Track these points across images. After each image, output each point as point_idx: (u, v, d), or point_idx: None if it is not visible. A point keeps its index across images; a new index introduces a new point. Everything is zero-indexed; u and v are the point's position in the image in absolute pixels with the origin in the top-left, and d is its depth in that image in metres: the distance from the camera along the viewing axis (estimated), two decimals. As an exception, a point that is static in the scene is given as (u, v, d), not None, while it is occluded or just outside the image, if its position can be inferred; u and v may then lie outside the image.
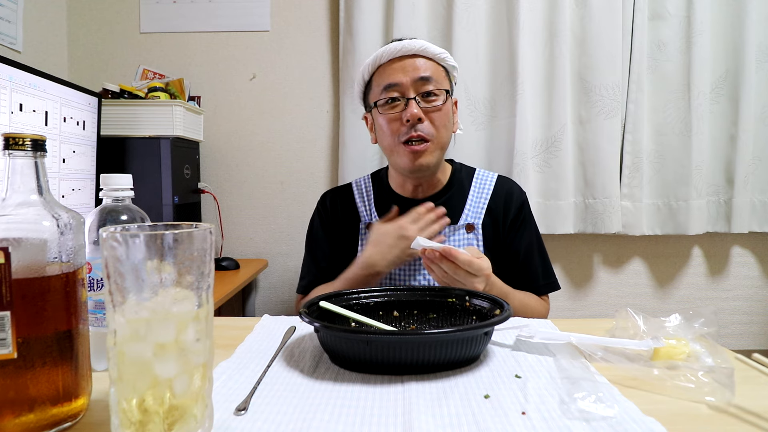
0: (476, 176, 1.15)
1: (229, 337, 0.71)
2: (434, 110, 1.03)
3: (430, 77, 1.03)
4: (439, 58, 1.06)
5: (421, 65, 1.03)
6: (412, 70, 1.03)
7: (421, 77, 1.02)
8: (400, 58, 1.04)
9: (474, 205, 1.11)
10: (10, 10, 1.49)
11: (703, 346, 0.61)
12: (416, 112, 1.01)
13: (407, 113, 1.01)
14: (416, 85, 1.02)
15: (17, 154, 0.47)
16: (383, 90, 1.04)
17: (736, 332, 1.84)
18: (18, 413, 0.43)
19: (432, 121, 1.03)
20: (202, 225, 0.43)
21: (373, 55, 1.06)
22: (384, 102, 1.04)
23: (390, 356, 0.57)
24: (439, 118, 1.04)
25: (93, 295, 0.58)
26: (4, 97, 1.02)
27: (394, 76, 1.03)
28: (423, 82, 1.02)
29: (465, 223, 1.08)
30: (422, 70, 1.03)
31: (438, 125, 1.04)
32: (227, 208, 1.81)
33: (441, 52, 1.06)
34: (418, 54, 1.04)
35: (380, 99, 1.04)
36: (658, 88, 1.71)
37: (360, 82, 1.11)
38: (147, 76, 1.77)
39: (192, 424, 0.42)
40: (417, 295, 0.79)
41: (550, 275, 1.13)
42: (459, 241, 1.07)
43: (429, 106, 1.03)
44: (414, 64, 1.03)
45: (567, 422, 0.46)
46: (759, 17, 1.67)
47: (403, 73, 1.03)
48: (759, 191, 1.75)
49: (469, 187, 1.13)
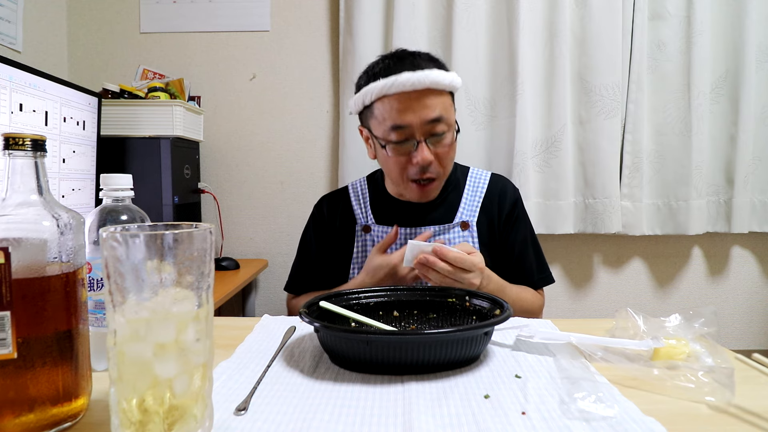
0: (470, 175, 1.16)
1: (229, 337, 0.71)
2: (443, 149, 1.01)
3: (441, 117, 0.97)
4: (449, 87, 0.99)
5: (431, 104, 0.96)
6: (422, 110, 0.96)
7: (432, 119, 0.96)
8: (409, 93, 0.96)
9: (469, 203, 1.12)
10: (10, 10, 1.49)
11: (703, 346, 0.61)
12: (428, 156, 0.98)
13: (417, 157, 0.98)
14: (427, 128, 0.97)
15: (17, 154, 0.47)
16: (391, 129, 0.98)
17: (736, 332, 1.84)
18: (18, 413, 0.43)
19: (440, 160, 1.01)
20: (202, 225, 0.43)
21: (380, 82, 0.97)
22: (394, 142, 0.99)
23: (390, 356, 0.57)
24: (447, 154, 1.02)
25: (93, 295, 0.58)
26: (4, 97, 1.02)
27: (402, 116, 0.96)
28: (434, 124, 0.97)
29: (460, 221, 1.09)
30: (432, 109, 0.96)
31: (446, 163, 1.02)
32: (227, 208, 1.81)
33: (451, 80, 0.99)
34: (430, 88, 0.96)
35: (390, 139, 0.99)
36: (658, 88, 1.71)
37: (359, 103, 1.04)
38: (147, 76, 1.77)
39: (192, 424, 0.42)
40: (417, 295, 0.79)
41: (545, 269, 1.15)
42: (454, 239, 1.08)
43: (438, 147, 1.00)
44: (424, 102, 0.96)
45: (567, 422, 0.46)
46: (759, 17, 1.67)
47: (413, 113, 0.96)
48: (759, 191, 1.75)
49: (463, 185, 1.14)
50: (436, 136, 0.98)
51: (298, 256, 1.22)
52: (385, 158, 1.04)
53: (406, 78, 0.94)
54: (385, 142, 1.00)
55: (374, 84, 0.98)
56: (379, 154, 1.07)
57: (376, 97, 0.99)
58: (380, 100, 0.99)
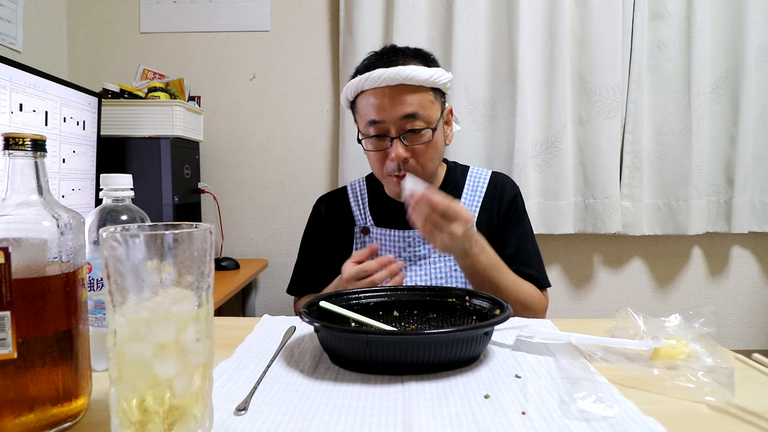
0: (470, 174, 1.15)
1: (229, 337, 0.71)
2: (421, 145, 0.99)
3: (416, 113, 0.96)
4: (428, 83, 0.97)
5: (405, 100, 0.96)
6: (394, 107, 0.95)
7: (406, 115, 0.96)
8: (383, 89, 0.96)
9: (468, 202, 1.11)
10: (10, 10, 1.49)
11: (703, 346, 0.61)
12: (401, 152, 0.97)
13: (392, 153, 0.98)
14: (400, 123, 0.97)
15: (17, 154, 0.47)
16: (368, 125, 0.99)
17: (736, 332, 1.84)
18: (18, 413, 0.43)
19: (418, 158, 0.99)
20: (202, 225, 0.43)
21: (357, 78, 0.99)
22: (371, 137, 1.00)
23: (390, 356, 0.57)
24: (426, 152, 1.00)
25: (93, 295, 0.58)
26: (4, 97, 1.02)
27: (376, 112, 0.97)
28: (408, 120, 0.96)
29: None
30: (406, 105, 0.95)
31: (424, 161, 1.00)
32: (227, 208, 1.81)
33: (430, 75, 0.96)
34: (404, 83, 0.95)
35: (367, 134, 1.01)
36: (658, 88, 1.71)
37: (345, 100, 1.07)
38: (147, 76, 1.77)
39: (192, 424, 0.42)
40: (417, 295, 0.79)
41: (542, 270, 1.11)
42: None
43: (415, 143, 0.99)
44: (398, 98, 0.96)
45: (567, 422, 0.46)
46: (759, 17, 1.67)
47: (385, 110, 0.96)
48: (759, 191, 1.75)
49: (462, 185, 1.13)
50: (412, 132, 0.98)
51: (299, 257, 1.23)
52: (368, 158, 1.06)
53: (379, 74, 0.95)
54: (364, 137, 1.02)
55: (354, 80, 1.01)
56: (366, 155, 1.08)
57: (355, 93, 1.02)
58: (360, 96, 1.01)
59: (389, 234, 1.09)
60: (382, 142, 1.00)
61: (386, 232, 1.10)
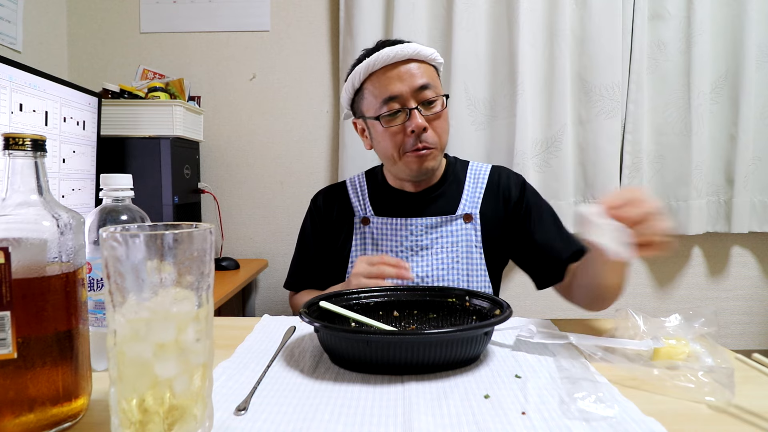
0: (470, 168, 1.15)
1: (229, 337, 0.71)
2: (435, 117, 1.02)
3: (428, 84, 1.00)
4: (430, 60, 1.03)
5: (417, 72, 1.00)
6: (409, 78, 1.00)
7: (421, 86, 1.00)
8: (395, 65, 1.00)
9: (470, 195, 1.10)
10: (10, 10, 1.49)
11: (703, 346, 0.61)
12: (421, 122, 0.99)
13: (412, 124, 0.99)
14: (417, 95, 1.00)
15: (17, 154, 0.47)
16: (383, 103, 1.01)
17: (736, 332, 1.84)
18: (18, 413, 0.43)
19: (434, 129, 1.02)
20: (202, 225, 0.43)
21: (364, 62, 1.02)
22: (387, 115, 1.01)
23: (390, 356, 0.57)
24: (440, 124, 1.03)
25: (93, 295, 0.58)
26: (4, 97, 1.02)
27: (392, 86, 1.00)
28: (422, 91, 1.00)
29: (463, 213, 1.08)
30: (419, 77, 1.00)
31: (440, 132, 1.03)
32: (227, 208, 1.81)
33: (432, 52, 1.03)
34: (413, 59, 1.01)
35: (382, 113, 1.01)
36: (658, 88, 1.71)
37: (349, 90, 1.07)
38: (147, 76, 1.77)
39: (192, 424, 0.42)
40: (417, 295, 0.79)
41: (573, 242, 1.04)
42: (457, 231, 1.07)
43: (430, 114, 1.01)
44: (410, 71, 1.00)
45: (567, 422, 0.46)
46: (759, 17, 1.67)
47: (401, 82, 0.99)
48: (759, 191, 1.75)
49: (464, 178, 1.13)
50: (427, 103, 1.00)
51: (296, 252, 1.22)
52: (380, 137, 1.04)
53: (388, 52, 0.99)
54: (379, 117, 1.02)
55: (359, 65, 1.02)
56: (374, 137, 1.07)
57: (364, 76, 1.03)
58: (368, 79, 1.03)
59: (391, 223, 1.08)
60: (398, 117, 1.01)
61: (387, 221, 1.08)
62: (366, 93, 1.04)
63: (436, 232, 1.06)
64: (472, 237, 1.06)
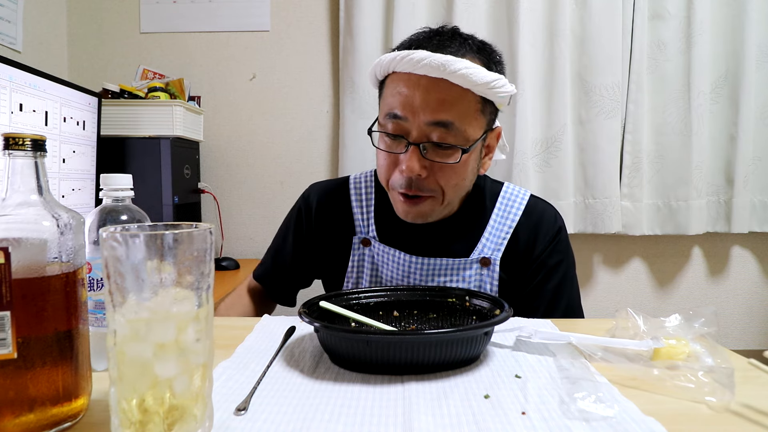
0: (503, 195, 0.91)
1: (229, 337, 0.71)
2: (443, 165, 0.78)
3: (450, 123, 0.74)
4: (479, 90, 0.74)
5: (444, 100, 0.74)
6: (425, 106, 0.74)
7: (437, 122, 0.74)
8: (418, 78, 0.74)
9: (494, 234, 0.88)
10: (10, 10, 1.49)
11: (703, 346, 0.61)
12: (414, 166, 0.75)
13: (403, 164, 0.77)
14: (426, 130, 0.75)
15: (17, 154, 0.47)
16: (386, 116, 0.79)
17: (736, 332, 1.84)
18: (18, 413, 0.43)
19: (438, 177, 0.78)
20: (202, 225, 0.43)
21: (394, 53, 0.77)
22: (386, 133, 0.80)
23: (390, 356, 0.57)
24: (449, 174, 0.78)
25: (93, 295, 0.58)
26: (4, 97, 1.02)
27: (401, 104, 0.76)
28: (437, 129, 0.75)
29: (480, 256, 0.87)
30: (442, 110, 0.74)
31: (445, 182, 0.79)
32: (227, 208, 1.81)
33: (487, 80, 0.73)
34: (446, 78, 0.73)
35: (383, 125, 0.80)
36: (658, 88, 1.71)
37: (373, 80, 0.86)
38: (147, 76, 1.77)
39: (192, 424, 0.42)
40: (417, 295, 0.79)
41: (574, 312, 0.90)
42: (471, 277, 0.87)
43: (438, 159, 0.77)
44: (435, 96, 0.74)
45: (567, 422, 0.46)
46: (759, 17, 1.67)
47: (412, 106, 0.75)
48: (759, 191, 1.75)
49: (492, 208, 0.90)
50: (437, 146, 0.76)
51: (273, 242, 1.06)
52: (377, 150, 0.83)
53: (420, 57, 0.72)
54: (379, 130, 0.81)
55: (388, 55, 0.78)
56: None
57: (386, 71, 0.80)
58: (390, 77, 0.80)
59: (392, 254, 0.89)
60: (397, 144, 0.79)
61: (391, 252, 0.89)
62: (385, 90, 0.81)
63: (446, 276, 0.88)
64: (487, 285, 0.87)
